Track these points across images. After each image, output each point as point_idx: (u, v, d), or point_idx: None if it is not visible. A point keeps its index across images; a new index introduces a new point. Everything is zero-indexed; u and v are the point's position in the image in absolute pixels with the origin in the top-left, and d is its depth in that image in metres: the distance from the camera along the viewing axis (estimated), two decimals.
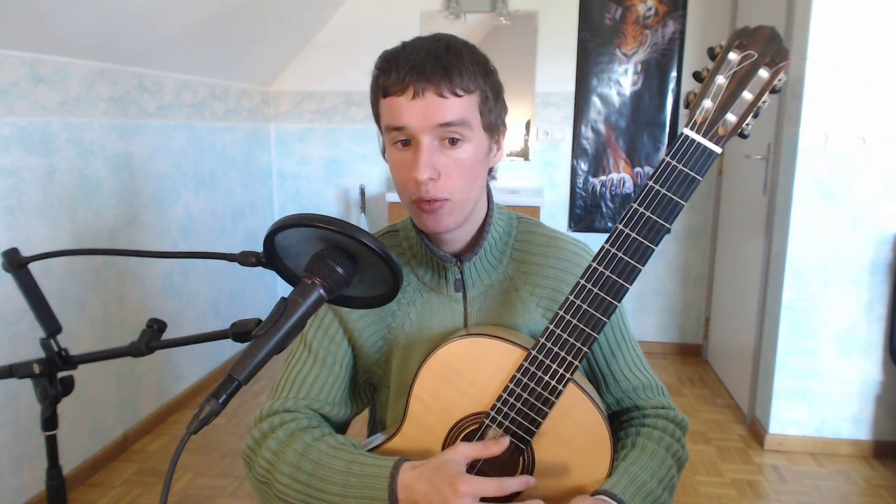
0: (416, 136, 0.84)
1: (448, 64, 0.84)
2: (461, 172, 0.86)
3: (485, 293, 0.97)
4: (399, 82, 0.83)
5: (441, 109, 0.83)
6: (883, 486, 2.34)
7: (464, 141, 0.86)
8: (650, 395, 0.98)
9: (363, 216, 3.67)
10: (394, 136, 0.86)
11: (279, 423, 0.91)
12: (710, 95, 0.76)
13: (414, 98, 0.83)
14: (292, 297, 0.67)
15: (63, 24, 2.01)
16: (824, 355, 2.50)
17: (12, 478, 1.99)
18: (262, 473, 0.88)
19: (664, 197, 0.77)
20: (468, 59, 0.86)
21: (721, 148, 0.76)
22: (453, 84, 0.83)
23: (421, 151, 0.84)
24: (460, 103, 0.84)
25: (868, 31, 2.28)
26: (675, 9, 3.34)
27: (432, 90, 0.83)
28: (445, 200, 0.86)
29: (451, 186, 0.86)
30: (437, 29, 3.43)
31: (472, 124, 0.86)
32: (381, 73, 0.86)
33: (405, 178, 0.87)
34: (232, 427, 2.71)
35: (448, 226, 0.89)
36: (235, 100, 3.34)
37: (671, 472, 0.90)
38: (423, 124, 0.83)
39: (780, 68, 0.74)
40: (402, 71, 0.83)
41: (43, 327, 0.76)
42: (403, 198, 0.90)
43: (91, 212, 2.31)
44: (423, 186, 0.84)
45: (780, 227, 2.52)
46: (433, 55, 0.84)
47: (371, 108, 0.92)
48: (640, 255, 0.78)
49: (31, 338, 2.03)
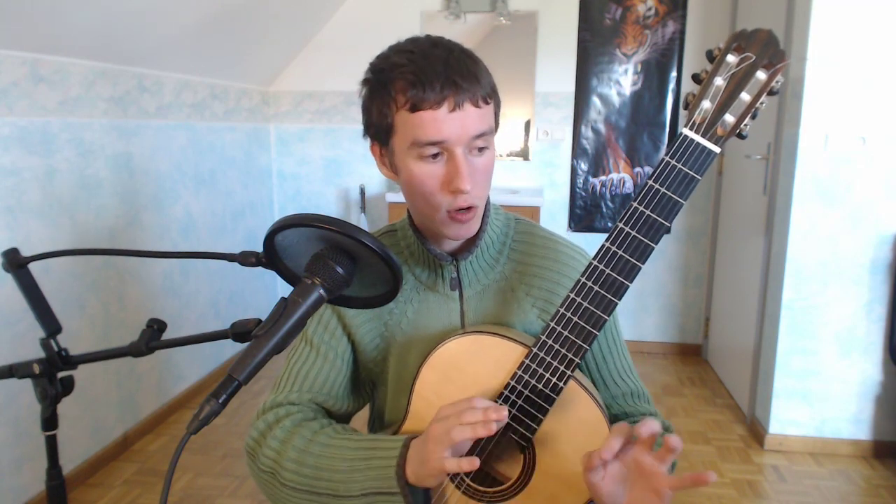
0: (452, 148, 0.83)
1: (476, 72, 0.84)
2: (486, 179, 0.88)
3: (481, 292, 0.98)
4: (436, 96, 0.80)
5: (478, 121, 0.83)
6: (883, 486, 2.34)
7: (488, 148, 0.87)
8: (638, 402, 1.00)
9: (363, 216, 3.67)
10: (426, 150, 0.83)
11: (284, 414, 0.92)
12: (708, 96, 0.77)
13: (453, 111, 0.81)
14: (292, 297, 0.67)
15: (63, 24, 2.01)
16: (824, 355, 2.50)
17: (12, 478, 1.99)
18: (267, 463, 0.88)
19: (664, 196, 0.78)
20: (481, 63, 0.87)
21: (720, 148, 0.77)
22: (484, 91, 0.84)
23: (461, 163, 0.83)
24: (489, 111, 0.86)
25: (868, 31, 2.28)
26: (675, 9, 3.34)
27: (469, 101, 0.82)
28: (476, 208, 0.88)
29: (481, 193, 0.88)
30: (437, 29, 3.45)
31: (494, 129, 0.88)
32: (410, 87, 0.81)
33: (436, 190, 0.85)
34: (232, 427, 2.72)
35: (473, 231, 0.91)
36: (235, 100, 3.34)
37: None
38: (462, 136, 0.83)
39: (778, 70, 0.76)
40: (437, 83, 0.80)
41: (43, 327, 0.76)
42: (431, 210, 0.87)
43: (91, 212, 2.31)
44: (464, 196, 0.84)
45: (780, 227, 2.52)
46: (462, 62, 0.83)
47: (372, 113, 0.87)
48: (640, 253, 0.79)
49: (31, 338, 2.03)
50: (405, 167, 0.87)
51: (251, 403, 2.94)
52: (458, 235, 0.90)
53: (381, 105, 0.85)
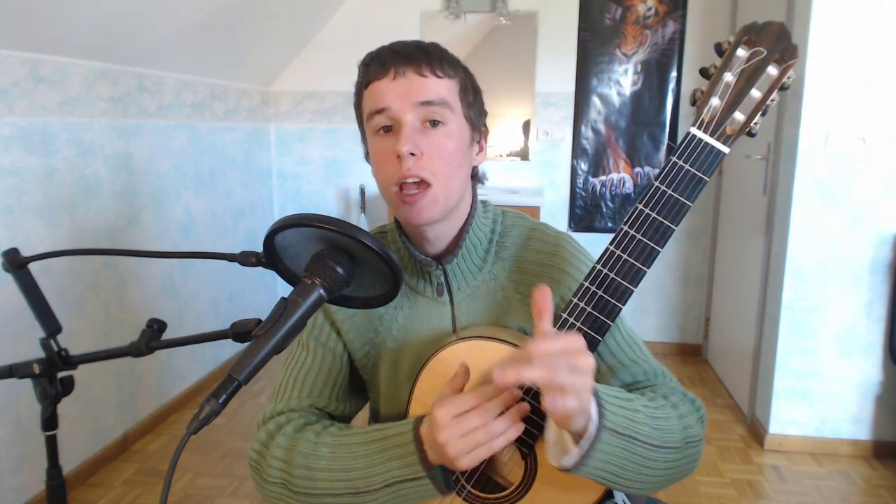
0: (398, 116, 0.85)
1: (428, 49, 0.88)
2: (443, 155, 0.86)
3: (472, 295, 0.96)
4: (380, 67, 0.86)
5: (422, 88, 0.85)
6: (883, 486, 2.34)
7: (445, 124, 0.87)
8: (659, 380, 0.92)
9: (363, 216, 3.67)
10: (376, 121, 0.87)
11: (285, 421, 0.91)
12: (717, 93, 0.74)
13: (395, 79, 0.85)
14: (292, 297, 0.67)
15: (63, 24, 2.01)
16: (824, 355, 2.50)
17: (12, 478, 1.99)
18: (274, 474, 0.85)
19: (670, 198, 0.76)
20: (446, 52, 0.90)
21: (729, 148, 0.75)
22: (433, 66, 0.86)
23: (404, 127, 0.84)
24: (440, 84, 0.87)
25: (868, 31, 2.28)
26: (675, 9, 3.34)
27: (412, 69, 0.85)
28: (427, 187, 0.85)
29: (434, 168, 0.85)
30: (437, 29, 3.45)
31: (453, 107, 0.88)
32: (363, 67, 0.89)
33: (385, 163, 0.86)
34: (232, 427, 2.71)
35: (432, 216, 0.87)
36: (235, 100, 3.34)
37: (670, 423, 0.81)
38: (405, 102, 0.85)
39: (790, 65, 0.73)
40: (383, 57, 0.87)
41: (43, 327, 0.76)
42: (385, 190, 0.88)
43: (91, 212, 2.31)
44: (405, 163, 0.83)
45: (780, 228, 2.52)
46: (413, 44, 0.88)
47: (355, 111, 0.95)
48: (646, 257, 0.76)
49: (31, 338, 2.03)
50: (370, 149, 0.91)
51: (251, 403, 2.94)
52: (409, 218, 0.87)
53: (356, 98, 0.93)
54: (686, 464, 0.83)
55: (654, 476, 0.78)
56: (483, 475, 0.88)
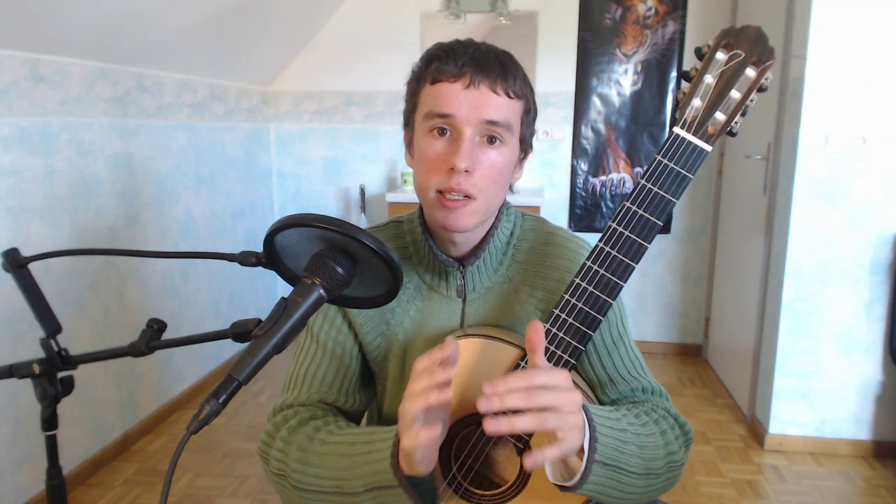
0: (459, 126, 0.84)
1: (506, 63, 0.86)
2: (492, 174, 0.86)
3: (484, 295, 0.97)
4: (456, 70, 0.83)
5: (492, 106, 0.84)
6: (883, 486, 2.34)
7: (502, 144, 0.86)
8: (655, 398, 0.94)
9: (363, 216, 3.67)
10: (435, 122, 0.85)
11: (292, 415, 0.92)
12: (699, 94, 0.78)
13: (468, 88, 0.83)
14: (292, 297, 0.67)
15: (63, 24, 2.01)
16: (824, 355, 2.50)
17: (12, 478, 1.99)
18: (276, 466, 0.88)
19: (656, 195, 0.79)
20: (521, 68, 0.88)
21: (711, 146, 0.78)
22: (507, 84, 0.85)
23: (463, 141, 0.83)
24: (509, 105, 0.85)
25: (868, 31, 2.28)
26: (675, 9, 3.34)
27: (487, 84, 0.83)
28: (470, 199, 0.85)
29: (481, 185, 0.85)
30: (436, 29, 3.45)
31: (514, 130, 0.87)
32: (436, 60, 0.85)
33: (434, 167, 0.85)
34: (232, 427, 2.71)
35: (466, 226, 0.87)
36: (235, 100, 3.34)
37: (656, 452, 0.83)
38: (472, 116, 0.83)
39: (767, 67, 0.76)
40: (460, 60, 0.83)
41: (43, 327, 0.76)
42: (426, 190, 0.87)
43: (91, 212, 2.31)
44: (457, 177, 0.83)
45: (780, 228, 2.52)
46: (493, 53, 0.86)
47: (407, 98, 0.91)
48: (634, 252, 0.79)
49: (31, 338, 2.03)
50: (417, 143, 0.89)
51: (251, 403, 2.94)
52: (444, 223, 0.87)
53: (414, 84, 0.89)
54: (665, 485, 0.86)
55: (633, 498, 0.82)
56: (479, 474, 0.88)
